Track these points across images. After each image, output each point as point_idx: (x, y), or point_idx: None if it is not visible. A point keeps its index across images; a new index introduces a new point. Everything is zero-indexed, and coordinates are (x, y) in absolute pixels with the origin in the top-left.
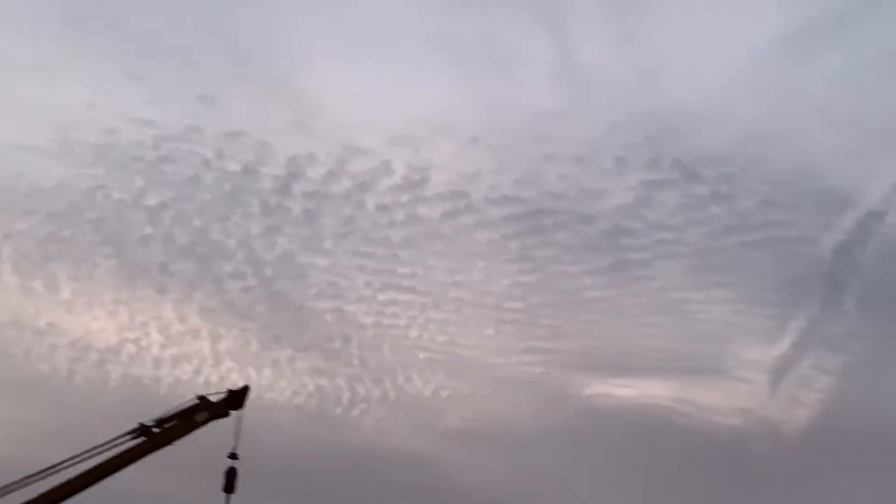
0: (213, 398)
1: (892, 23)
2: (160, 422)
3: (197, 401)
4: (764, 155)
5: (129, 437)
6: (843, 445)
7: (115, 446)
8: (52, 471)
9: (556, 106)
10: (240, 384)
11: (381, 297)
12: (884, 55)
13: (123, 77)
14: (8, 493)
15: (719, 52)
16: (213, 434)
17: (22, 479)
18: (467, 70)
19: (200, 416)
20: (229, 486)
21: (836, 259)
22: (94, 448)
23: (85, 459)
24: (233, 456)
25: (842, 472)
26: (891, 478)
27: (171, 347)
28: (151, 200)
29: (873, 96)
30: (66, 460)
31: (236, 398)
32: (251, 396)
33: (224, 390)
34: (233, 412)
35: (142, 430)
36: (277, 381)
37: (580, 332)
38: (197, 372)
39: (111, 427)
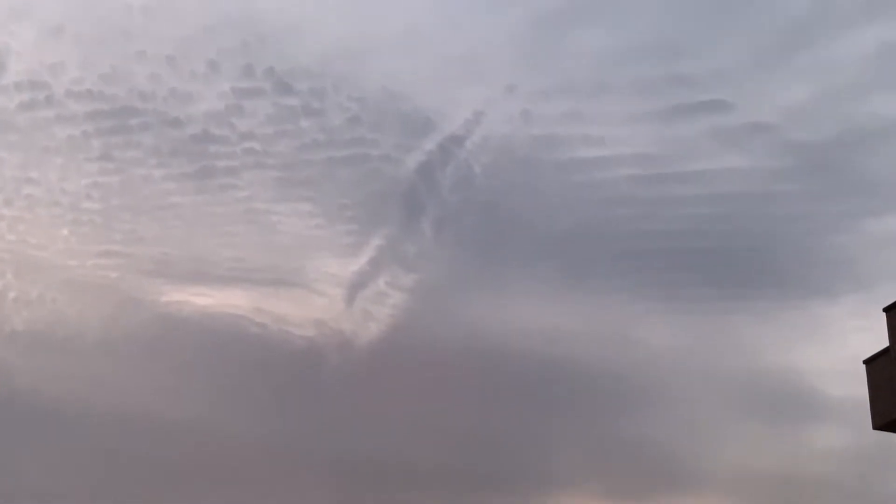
0: None
1: None
2: None
3: None
4: (354, 72)
5: None
6: (410, 359)
7: None
8: None
9: (149, 1)
10: None
11: None
12: None
13: None
14: None
15: None
16: None
17: None
18: None
19: None
20: None
21: (416, 180)
22: None
23: None
24: None
25: (406, 383)
26: (443, 395)
27: None
28: None
29: (458, 27)
30: None
31: None
32: None
33: None
34: None
35: None
36: None
37: (160, 238)
38: None
39: None
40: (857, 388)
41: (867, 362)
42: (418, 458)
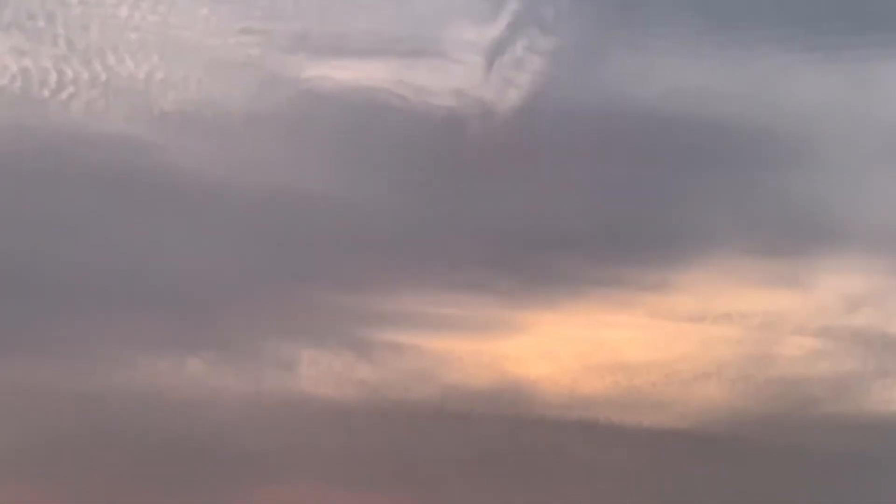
0: None
1: None
2: None
3: None
4: None
5: None
6: (552, 125)
7: None
8: None
9: None
10: None
11: None
12: None
13: None
14: None
15: None
16: None
17: None
18: None
19: None
20: None
21: None
22: None
23: None
24: None
25: (549, 149)
26: (587, 159)
27: None
28: None
29: None
30: None
31: None
32: None
33: None
34: None
35: None
36: None
37: (297, 12)
38: None
39: None
40: None
41: None
42: (565, 223)
